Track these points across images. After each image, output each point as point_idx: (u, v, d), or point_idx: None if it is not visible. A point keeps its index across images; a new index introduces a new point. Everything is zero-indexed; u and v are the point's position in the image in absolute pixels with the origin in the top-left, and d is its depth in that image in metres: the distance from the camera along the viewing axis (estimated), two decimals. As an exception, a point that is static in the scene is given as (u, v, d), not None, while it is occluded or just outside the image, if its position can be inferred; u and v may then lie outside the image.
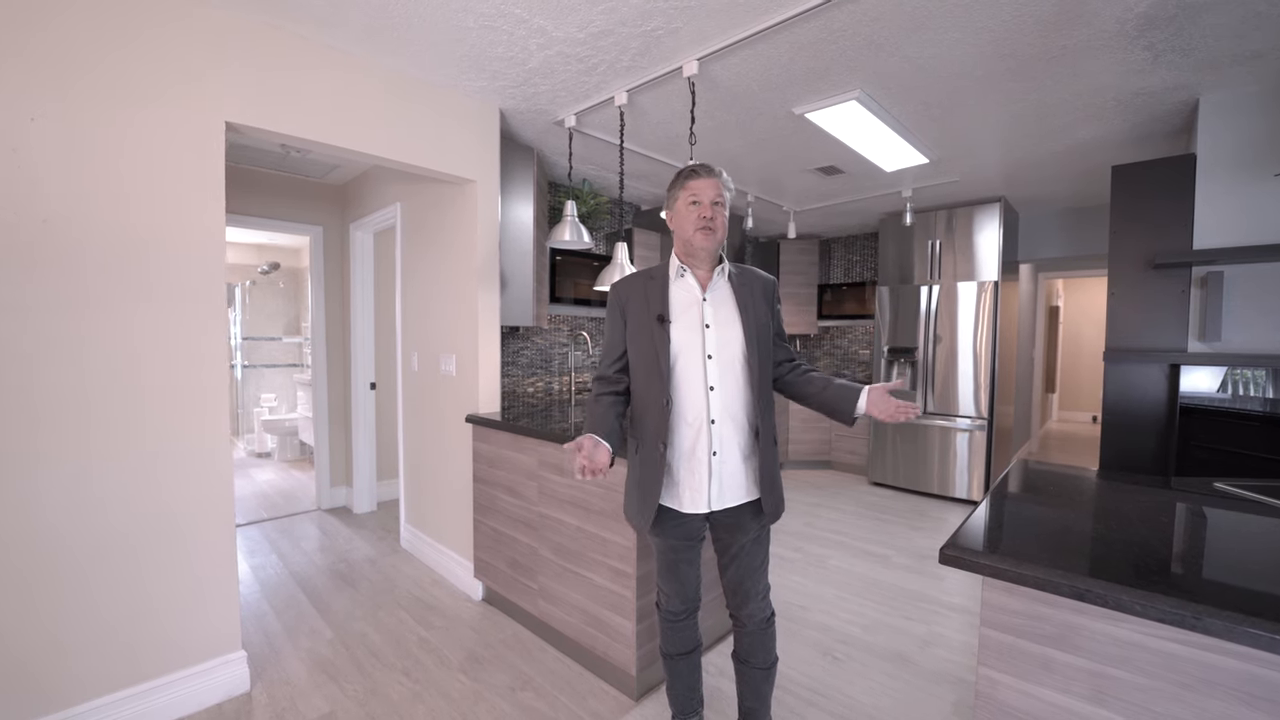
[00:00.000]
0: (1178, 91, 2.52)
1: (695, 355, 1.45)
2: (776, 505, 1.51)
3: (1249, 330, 2.48)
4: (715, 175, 1.46)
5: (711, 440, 1.45)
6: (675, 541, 1.54)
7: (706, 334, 1.46)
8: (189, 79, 1.83)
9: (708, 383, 1.45)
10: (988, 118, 2.83)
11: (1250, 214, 2.46)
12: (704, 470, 1.45)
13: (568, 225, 2.66)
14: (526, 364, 3.85)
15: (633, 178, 3.87)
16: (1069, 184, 3.94)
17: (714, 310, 1.48)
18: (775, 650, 1.62)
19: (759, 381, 1.48)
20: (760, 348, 1.48)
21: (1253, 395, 2.45)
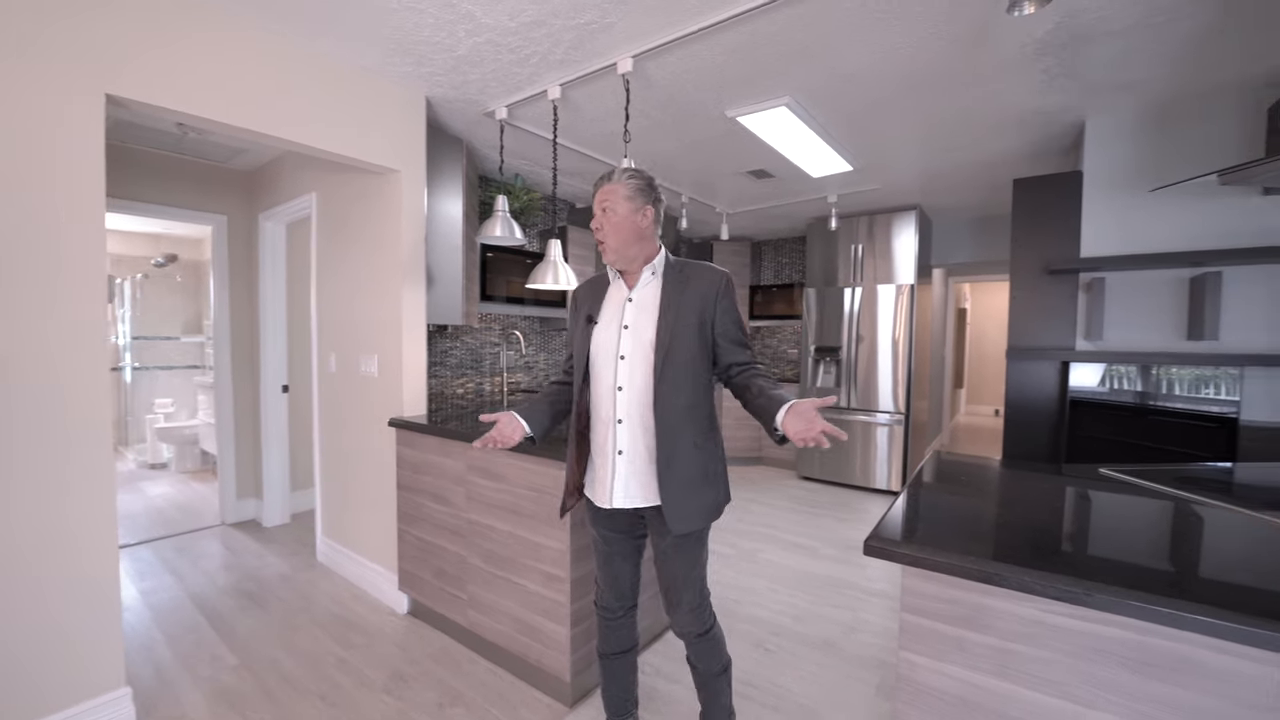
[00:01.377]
0: (1068, 113, 2.76)
1: (610, 355, 1.48)
2: (682, 517, 1.43)
3: (1125, 330, 2.76)
4: (603, 183, 1.45)
5: (617, 439, 1.46)
6: (604, 533, 1.56)
7: (623, 335, 1.47)
8: (63, 43, 1.61)
9: (616, 383, 1.46)
10: (905, 130, 2.99)
11: (1126, 227, 2.73)
12: (609, 467, 1.48)
13: (499, 221, 2.57)
14: (456, 364, 3.71)
15: (567, 174, 3.81)
16: (976, 194, 4.24)
17: (635, 311, 1.48)
18: (720, 658, 1.58)
19: (677, 386, 1.43)
20: (683, 348, 1.42)
21: (1127, 389, 2.72)
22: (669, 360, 1.42)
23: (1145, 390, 2.70)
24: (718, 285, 1.46)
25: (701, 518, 1.47)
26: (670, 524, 1.43)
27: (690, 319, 1.44)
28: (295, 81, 2.14)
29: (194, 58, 1.87)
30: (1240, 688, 0.84)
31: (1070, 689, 0.97)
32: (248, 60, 2.00)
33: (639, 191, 1.44)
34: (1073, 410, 2.88)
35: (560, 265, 2.54)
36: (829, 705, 1.95)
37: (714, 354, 1.48)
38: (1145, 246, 2.68)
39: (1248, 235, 2.48)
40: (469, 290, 3.19)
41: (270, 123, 2.07)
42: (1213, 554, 1.14)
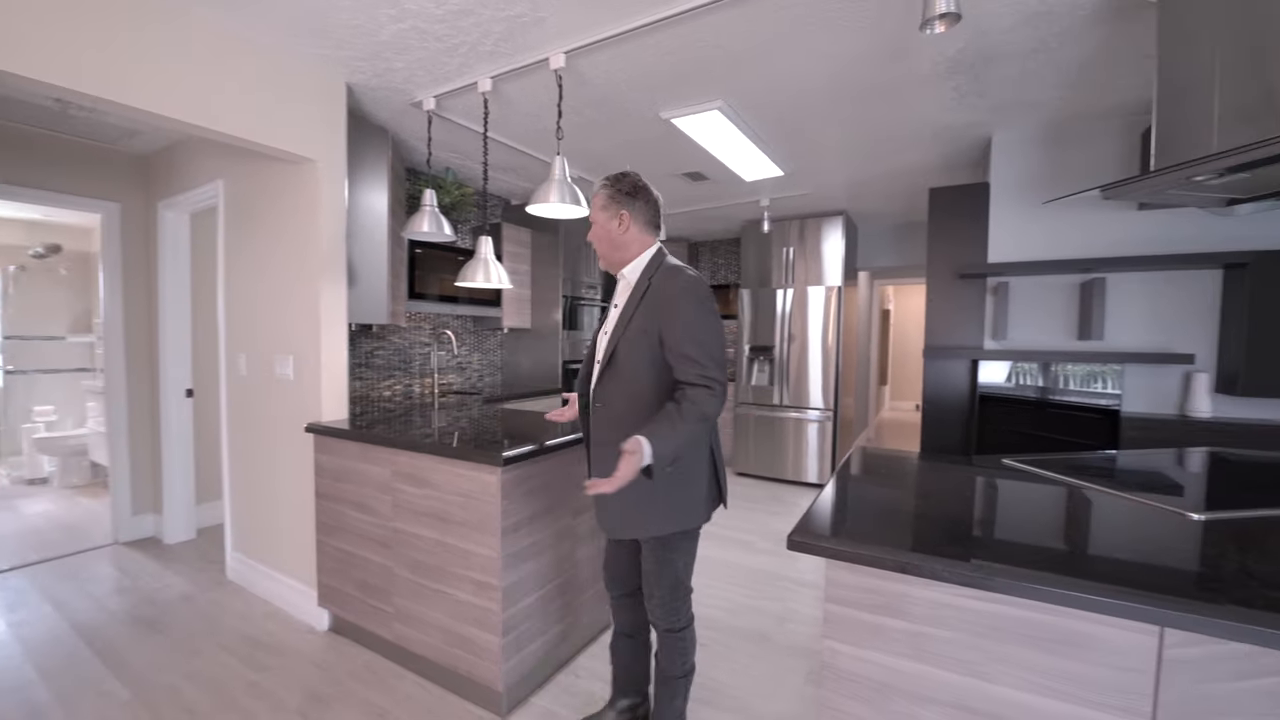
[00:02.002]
0: (977, 128, 2.96)
1: (592, 361, 1.57)
2: (611, 524, 1.51)
3: (1026, 330, 2.99)
4: (592, 191, 1.55)
5: (591, 438, 1.55)
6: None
7: (603, 340, 1.53)
8: (-104, -1, 1.40)
9: (592, 385, 1.54)
10: (832, 138, 3.12)
11: (1027, 235, 2.96)
12: (587, 462, 1.59)
13: (426, 216, 2.47)
14: (382, 365, 3.54)
15: (502, 170, 3.72)
16: (898, 202, 4.48)
17: (614, 314, 1.53)
18: (683, 661, 1.57)
19: (610, 391, 1.48)
20: (626, 357, 1.44)
21: (1029, 384, 2.95)
22: (610, 367, 1.46)
23: (1045, 385, 2.93)
24: (667, 293, 1.41)
25: (630, 528, 1.47)
26: (601, 526, 1.49)
27: (638, 329, 1.42)
28: (196, 57, 1.96)
29: (75, 23, 1.68)
30: (1123, 656, 0.92)
31: (976, 666, 1.03)
32: (132, 29, 1.81)
33: (611, 200, 1.50)
34: (982, 405, 3.09)
35: (491, 263, 2.47)
36: (760, 696, 1.99)
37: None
38: (1043, 254, 2.92)
39: (1128, 245, 2.75)
40: (395, 288, 3.04)
41: (165, 101, 1.89)
42: (1096, 535, 1.25)
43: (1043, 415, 2.89)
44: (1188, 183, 1.63)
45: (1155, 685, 0.91)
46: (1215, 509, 1.28)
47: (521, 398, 3.74)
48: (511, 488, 1.82)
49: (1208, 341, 2.65)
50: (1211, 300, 2.65)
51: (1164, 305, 2.72)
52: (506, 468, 1.77)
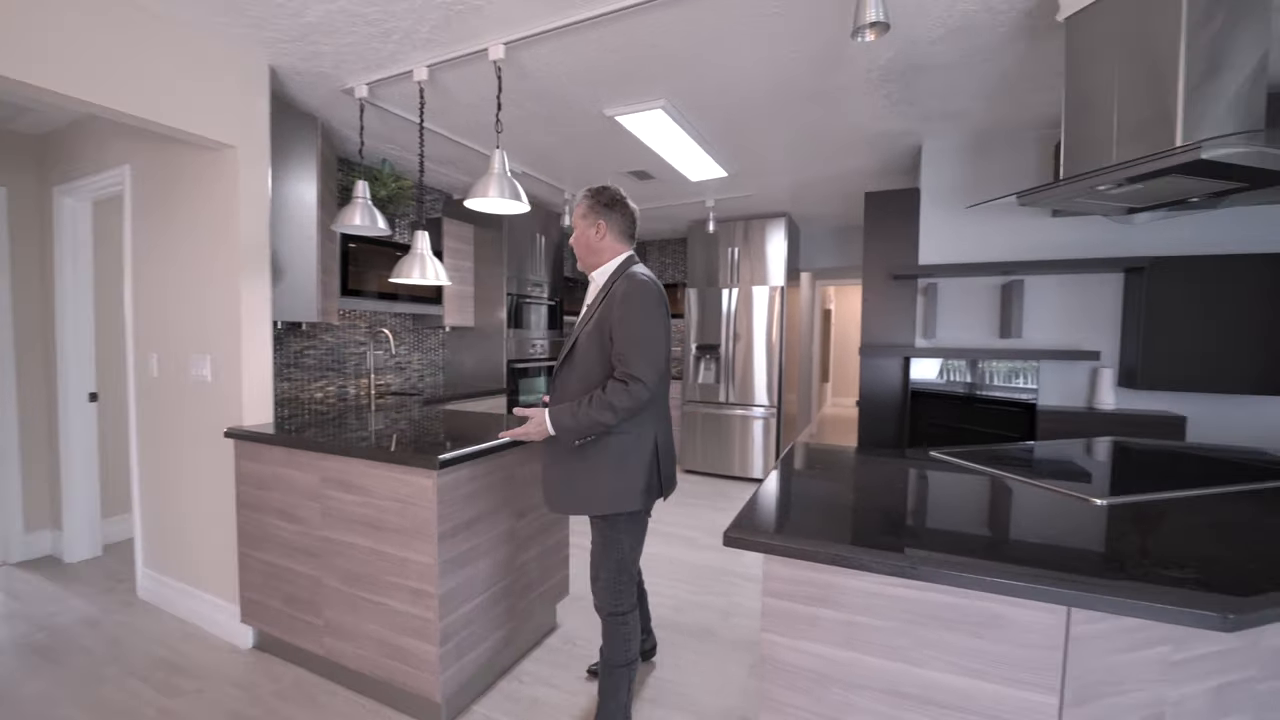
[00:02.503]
0: (908, 136, 3.10)
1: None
2: (551, 498, 1.69)
3: (953, 329, 3.16)
4: (574, 201, 1.82)
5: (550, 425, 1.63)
6: None
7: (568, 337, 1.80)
8: None
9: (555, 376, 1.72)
10: (773, 141, 3.18)
11: (955, 238, 3.12)
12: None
13: (358, 208, 2.36)
14: (314, 366, 3.36)
15: (441, 163, 3.60)
16: (837, 205, 4.63)
17: (583, 312, 1.71)
18: (624, 651, 1.68)
19: (565, 381, 1.66)
20: (582, 351, 1.62)
21: (957, 380, 3.11)
22: (568, 359, 1.66)
23: (972, 381, 3.10)
24: (618, 295, 1.56)
25: (567, 506, 1.65)
26: (546, 500, 1.69)
27: (594, 326, 1.59)
28: (97, 29, 1.79)
29: (-62, -14, 1.49)
30: (1036, 634, 0.97)
31: (905, 651, 1.07)
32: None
33: (590, 209, 1.69)
34: (914, 400, 3.24)
35: (428, 259, 2.38)
36: (707, 691, 2.01)
37: None
38: (968, 256, 3.08)
39: (1043, 249, 2.94)
40: (327, 284, 2.89)
41: (62, 77, 1.71)
42: (1014, 521, 1.32)
43: (970, 409, 3.05)
44: (1092, 192, 1.76)
45: (1064, 660, 0.97)
46: (1118, 494, 1.38)
47: (465, 398, 3.64)
48: (449, 491, 1.76)
49: (1111, 339, 2.88)
50: (1115, 301, 2.87)
51: (1074, 306, 2.93)
52: (443, 471, 1.71)
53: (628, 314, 1.52)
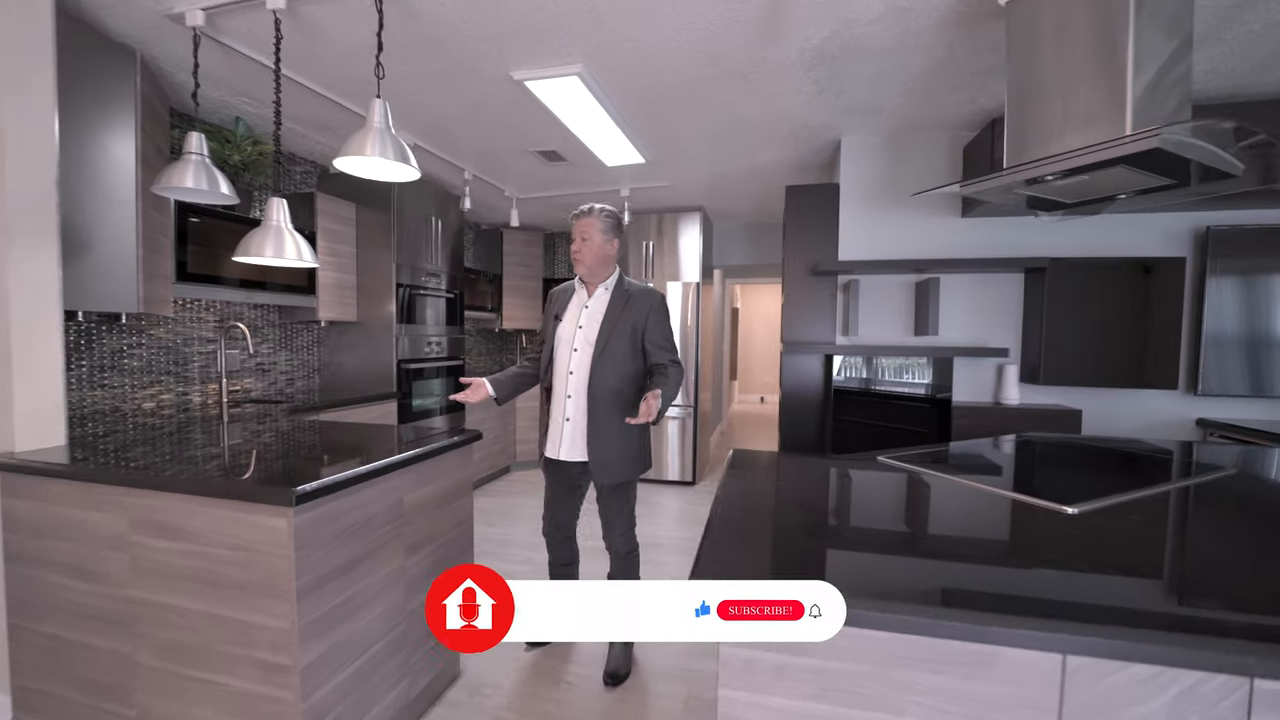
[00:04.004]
0: (829, 130, 3.04)
1: (565, 346, 1.99)
2: (605, 472, 1.95)
3: (872, 327, 3.15)
4: (585, 216, 1.96)
5: (565, 409, 1.97)
6: (553, 479, 2.11)
7: (577, 332, 1.97)
8: None
9: (569, 367, 1.97)
10: (693, 127, 2.99)
11: (872, 235, 3.11)
12: (559, 430, 1.99)
13: (190, 167, 1.83)
14: (141, 369, 2.69)
15: (314, 127, 3.05)
16: (752, 201, 4.57)
17: (589, 316, 1.98)
18: (635, 573, 2.11)
19: (610, 374, 1.91)
20: (615, 348, 1.92)
21: (873, 377, 3.11)
22: (603, 355, 1.92)
23: (888, 378, 3.10)
24: (650, 305, 1.98)
25: (621, 473, 1.98)
26: (595, 476, 1.97)
27: (625, 327, 1.94)
28: None
29: None
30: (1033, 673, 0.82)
31: (883, 698, 0.89)
32: None
33: (611, 228, 1.98)
34: (836, 398, 3.20)
35: (286, 233, 1.92)
36: None
37: (645, 355, 1.98)
38: (885, 253, 3.08)
39: (954, 248, 3.00)
40: (153, 265, 2.29)
41: None
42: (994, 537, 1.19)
43: (885, 406, 3.05)
44: (1025, 185, 1.71)
45: (1060, 695, 0.83)
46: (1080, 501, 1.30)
47: (345, 405, 3.11)
48: (312, 532, 1.35)
49: (1014, 336, 2.99)
50: (1017, 300, 2.99)
51: (982, 304, 3.01)
52: (302, 506, 1.31)
53: (665, 317, 2.01)
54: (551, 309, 2.09)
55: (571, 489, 2.10)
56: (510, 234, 5.31)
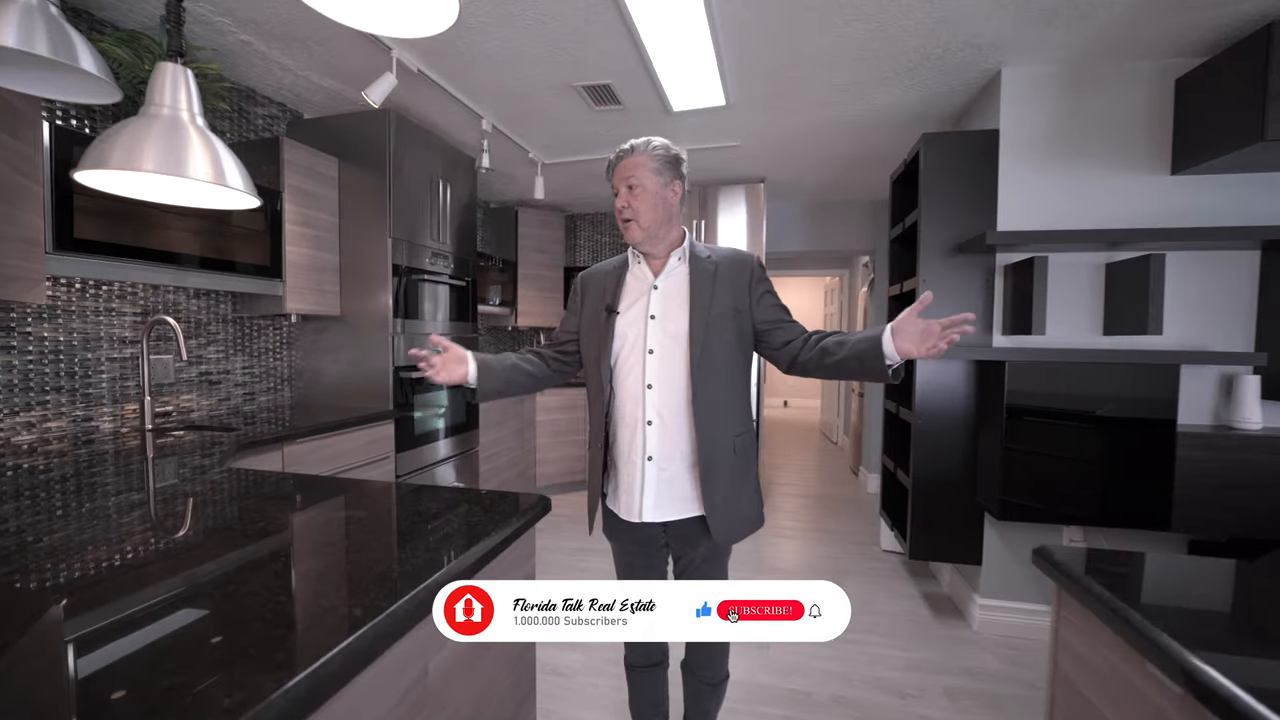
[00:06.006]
0: (994, 53, 2.23)
1: (637, 350, 1.35)
2: (730, 527, 1.35)
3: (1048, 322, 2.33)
4: (631, 154, 1.32)
5: (646, 444, 1.33)
6: (628, 546, 1.44)
7: (650, 326, 1.34)
8: None
9: (645, 380, 1.33)
10: (812, 43, 2.16)
11: (1045, 199, 2.31)
12: (637, 476, 1.35)
13: (14, 15, 0.96)
14: (9, 385, 1.79)
15: (277, 40, 2.17)
16: (828, 171, 3.77)
17: (662, 300, 1.36)
18: (724, 665, 1.50)
19: (715, 381, 1.32)
20: (719, 339, 1.32)
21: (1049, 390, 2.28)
22: (706, 353, 1.31)
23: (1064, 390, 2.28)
24: (751, 270, 1.37)
25: (747, 527, 1.39)
26: (717, 536, 1.33)
27: (725, 307, 1.34)
28: None
29: None
30: None
31: None
32: None
33: (667, 165, 1.33)
34: (983, 417, 2.39)
35: (192, 130, 1.04)
36: None
37: (758, 342, 1.39)
38: (1062, 222, 2.28)
39: (1161, 215, 2.20)
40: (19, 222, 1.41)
41: None
42: None
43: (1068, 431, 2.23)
44: None
45: None
46: None
47: (325, 433, 2.21)
48: None
49: (1246, 335, 2.20)
50: (1250, 285, 2.19)
51: (1203, 291, 2.22)
52: None
53: (772, 287, 1.41)
54: (588, 299, 1.43)
55: (654, 564, 1.46)
56: (527, 214, 4.44)
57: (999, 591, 2.42)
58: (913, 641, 2.34)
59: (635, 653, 1.57)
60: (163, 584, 0.80)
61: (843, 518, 3.93)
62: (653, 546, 1.43)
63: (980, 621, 2.43)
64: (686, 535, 1.38)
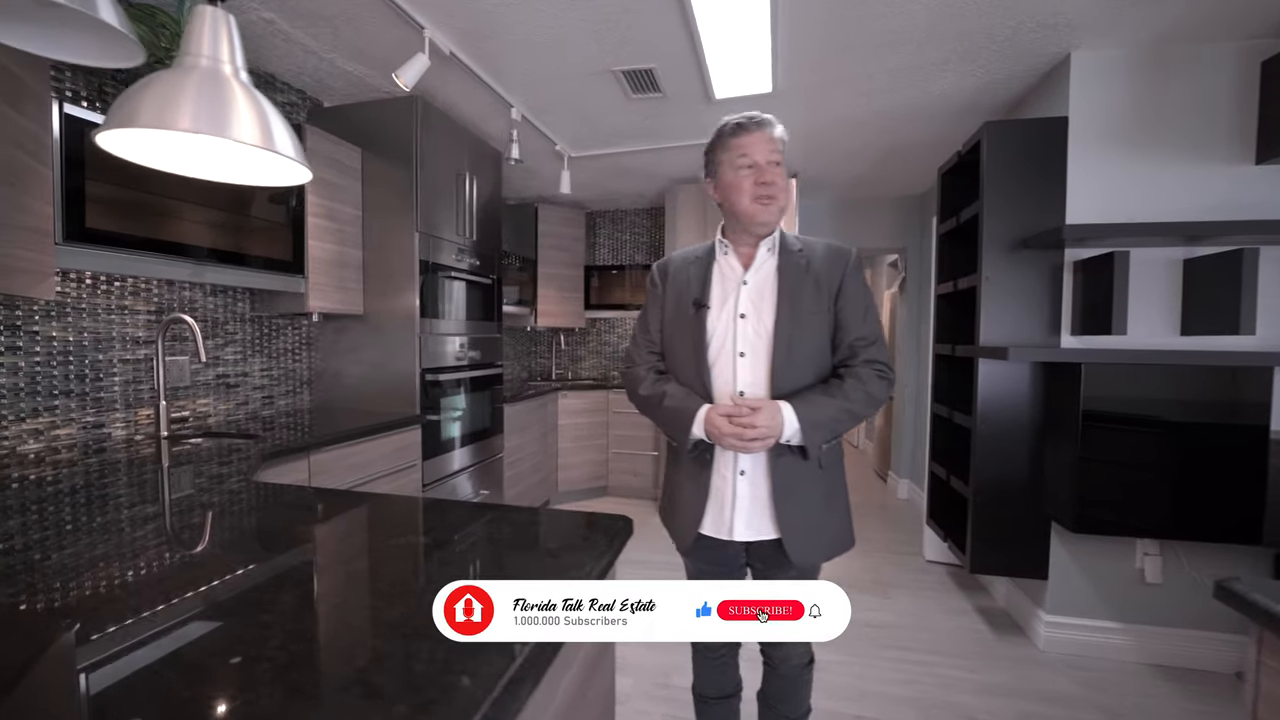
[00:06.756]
0: (1067, 35, 2.08)
1: (726, 351, 1.23)
2: (809, 550, 1.24)
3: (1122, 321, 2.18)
4: (768, 127, 1.19)
5: (738, 456, 1.21)
6: (709, 566, 1.32)
7: (740, 325, 1.21)
8: None
9: (736, 385, 1.21)
10: (877, 23, 2.02)
11: (1118, 190, 2.17)
12: (728, 492, 1.23)
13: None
14: (16, 389, 1.65)
15: (302, 19, 2.02)
16: (863, 164, 3.63)
17: (753, 296, 1.23)
18: (809, 700, 1.37)
19: (796, 386, 1.19)
20: (807, 341, 1.20)
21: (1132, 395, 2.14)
22: (791, 356, 1.19)
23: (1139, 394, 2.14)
24: (845, 262, 1.24)
25: (829, 549, 1.27)
26: (794, 558, 1.21)
27: (813, 307, 1.20)
28: None
29: None
30: None
31: None
32: None
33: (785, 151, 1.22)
34: (1051, 423, 2.25)
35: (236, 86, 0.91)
36: None
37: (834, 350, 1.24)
38: (1137, 215, 2.14)
39: (1245, 208, 2.06)
40: (15, 217, 1.26)
41: None
42: None
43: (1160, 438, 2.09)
44: None
45: None
46: None
47: (348, 441, 2.06)
48: None
49: (1332, 336, 2.06)
50: (1337, 284, 2.05)
51: None
52: None
53: (867, 290, 1.25)
54: (685, 292, 1.27)
55: (739, 575, 1.36)
56: (547, 211, 4.30)
57: (1067, 608, 2.28)
58: (978, 662, 2.20)
59: (706, 683, 1.45)
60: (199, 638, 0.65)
61: (878, 526, 3.78)
62: (733, 566, 1.32)
63: (1046, 639, 2.29)
64: (771, 556, 1.27)
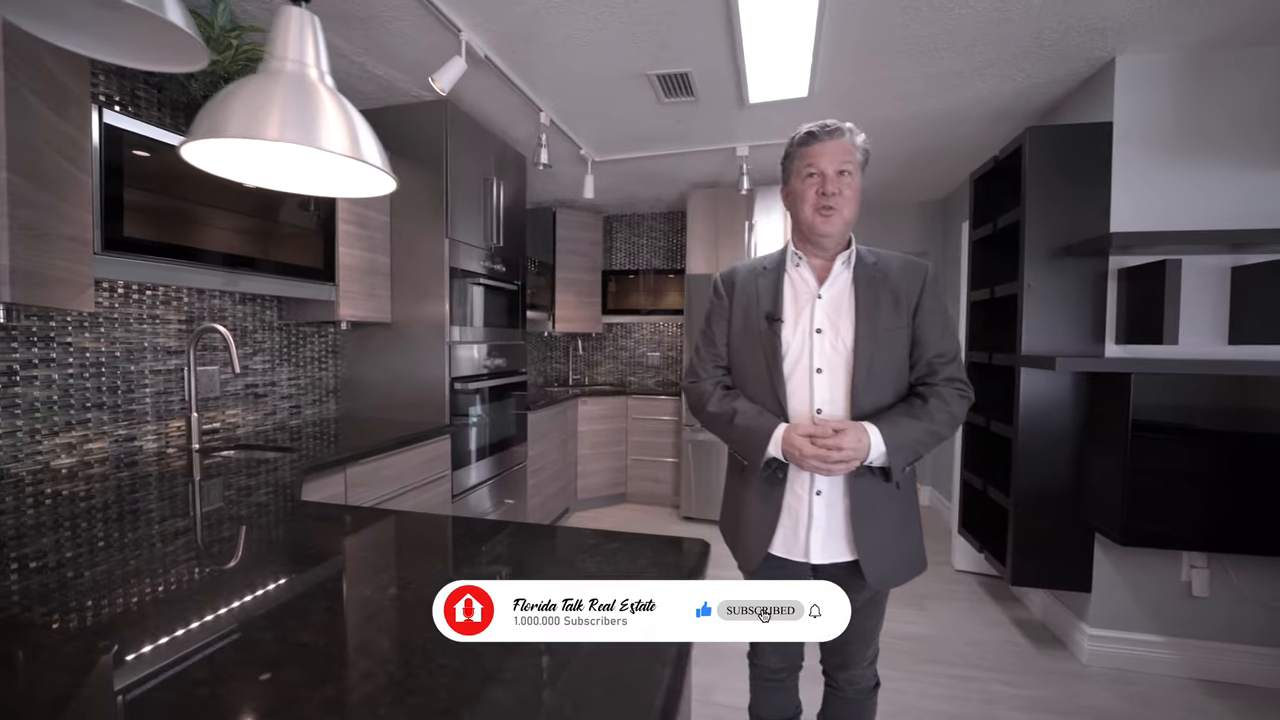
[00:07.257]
0: (1115, 37, 2.04)
1: (802, 367, 1.19)
2: (886, 573, 1.20)
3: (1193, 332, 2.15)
4: (840, 135, 1.14)
5: (815, 476, 1.17)
6: None
7: (816, 340, 1.18)
8: None
9: (814, 404, 1.17)
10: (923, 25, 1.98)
11: (1164, 196, 2.13)
12: (804, 513, 1.20)
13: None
14: (49, 402, 1.60)
15: (331, 18, 1.98)
16: (887, 170, 3.57)
17: (829, 311, 1.19)
18: (877, 672, 1.35)
19: (876, 404, 1.16)
20: (886, 359, 1.17)
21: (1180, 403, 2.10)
22: (872, 374, 1.15)
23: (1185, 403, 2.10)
24: (923, 276, 1.21)
25: (906, 571, 1.23)
26: (871, 580, 1.17)
27: (894, 321, 1.17)
28: None
29: None
30: None
31: None
32: None
33: (865, 160, 1.19)
34: (1096, 432, 2.21)
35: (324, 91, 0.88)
36: None
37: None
38: (1183, 223, 2.10)
39: None
40: (44, 216, 1.22)
41: None
42: None
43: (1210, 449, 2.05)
44: None
45: None
46: None
47: (379, 454, 2.01)
48: None
49: (1387, 346, 2.02)
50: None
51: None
52: None
53: (945, 305, 1.23)
54: (755, 305, 1.23)
55: None
56: (565, 215, 4.26)
57: (1111, 621, 2.23)
58: (1022, 676, 2.15)
59: (765, 705, 1.42)
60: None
61: (902, 534, 3.73)
62: None
63: (1089, 653, 2.24)
64: (843, 579, 1.21)
